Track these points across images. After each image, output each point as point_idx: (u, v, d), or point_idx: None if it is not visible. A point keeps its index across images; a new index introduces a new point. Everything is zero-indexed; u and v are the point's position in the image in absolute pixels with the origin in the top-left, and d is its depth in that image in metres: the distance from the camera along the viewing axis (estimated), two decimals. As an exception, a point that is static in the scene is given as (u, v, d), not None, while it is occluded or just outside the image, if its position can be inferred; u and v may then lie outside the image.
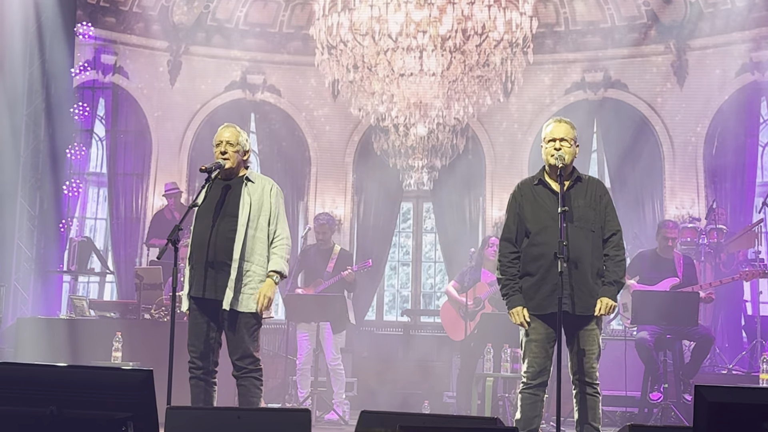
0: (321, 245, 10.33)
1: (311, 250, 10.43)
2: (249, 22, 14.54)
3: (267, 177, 6.14)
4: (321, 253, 10.30)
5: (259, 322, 5.93)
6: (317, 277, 10.17)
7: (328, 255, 10.27)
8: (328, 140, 14.68)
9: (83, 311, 9.43)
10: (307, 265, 10.36)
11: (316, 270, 10.22)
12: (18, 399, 3.67)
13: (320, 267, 10.20)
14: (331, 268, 10.16)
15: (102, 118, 14.31)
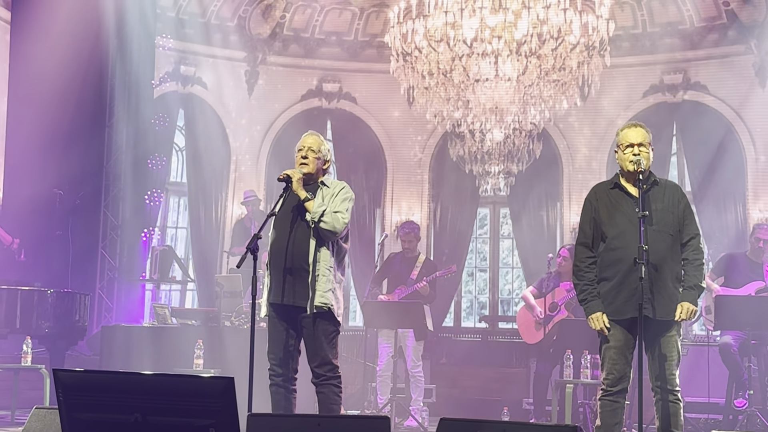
0: (407, 253, 10.36)
1: (396, 258, 10.45)
2: (324, 31, 14.64)
3: (339, 181, 6.18)
4: (406, 261, 10.32)
5: (337, 328, 5.96)
6: (401, 283, 10.19)
7: (412, 263, 10.28)
8: (403, 147, 14.71)
9: (165, 319, 9.58)
10: (391, 273, 10.38)
11: (400, 278, 10.24)
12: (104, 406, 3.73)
13: (404, 275, 10.21)
14: (414, 275, 10.17)
15: (182, 128, 14.53)
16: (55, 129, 11.66)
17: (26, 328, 8.64)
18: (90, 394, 3.77)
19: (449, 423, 4.15)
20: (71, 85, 11.88)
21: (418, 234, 10.57)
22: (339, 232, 5.88)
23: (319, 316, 5.82)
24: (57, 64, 11.72)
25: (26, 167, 11.75)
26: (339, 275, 5.98)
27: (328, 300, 5.81)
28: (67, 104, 11.80)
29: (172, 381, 3.84)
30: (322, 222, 5.81)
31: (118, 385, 3.82)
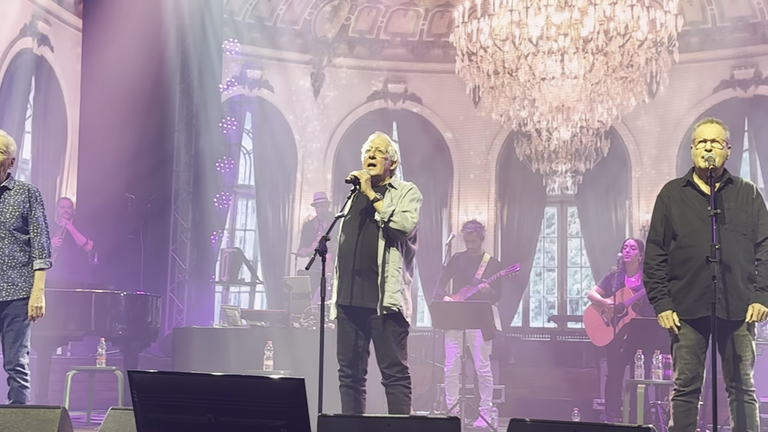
0: (471, 253, 10.32)
1: (461, 257, 10.42)
2: (389, 32, 14.68)
3: (407, 182, 6.17)
4: (471, 261, 10.28)
5: (406, 329, 5.96)
6: (466, 283, 10.16)
7: (477, 263, 10.24)
8: (469, 147, 14.68)
9: (235, 321, 9.67)
10: (456, 273, 10.36)
11: (465, 278, 10.21)
12: (177, 407, 3.79)
13: (469, 275, 10.18)
14: (479, 274, 10.13)
15: (249, 131, 14.68)
16: (126, 134, 11.86)
17: (100, 331, 8.78)
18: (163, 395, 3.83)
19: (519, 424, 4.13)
20: (141, 90, 12.08)
21: (482, 233, 10.53)
22: (408, 233, 5.87)
23: (388, 317, 5.83)
24: (127, 71, 11.92)
25: (99, 172, 11.96)
26: (408, 276, 5.97)
27: (397, 301, 5.81)
28: (137, 109, 11.99)
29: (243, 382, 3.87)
30: (392, 222, 5.81)
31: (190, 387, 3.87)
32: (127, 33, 11.95)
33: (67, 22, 12.96)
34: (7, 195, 6.00)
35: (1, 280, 5.92)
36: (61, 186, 12.89)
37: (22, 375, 5.97)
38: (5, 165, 6.01)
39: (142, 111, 12.19)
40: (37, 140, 12.69)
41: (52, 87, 12.80)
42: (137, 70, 12.05)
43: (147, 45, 12.24)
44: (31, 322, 6.05)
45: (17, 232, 5.99)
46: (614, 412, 9.62)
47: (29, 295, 6.01)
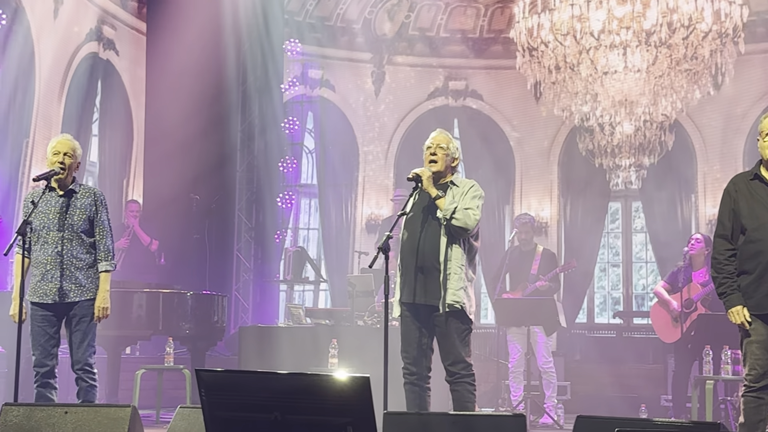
0: (523, 246, 10.24)
1: (515, 252, 10.36)
2: (449, 29, 14.66)
3: (469, 179, 6.15)
4: (524, 255, 10.19)
5: (469, 327, 5.95)
6: (522, 279, 10.09)
7: (531, 256, 10.17)
8: (531, 142, 14.61)
9: (300, 319, 9.72)
10: (512, 268, 10.30)
11: (520, 272, 10.14)
12: (245, 405, 3.83)
13: (525, 269, 10.11)
14: (535, 269, 10.05)
15: (311, 131, 14.76)
16: (190, 135, 12.00)
17: (168, 330, 8.89)
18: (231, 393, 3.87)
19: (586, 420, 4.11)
20: (204, 92, 12.22)
21: (533, 225, 10.45)
22: (471, 230, 5.87)
23: (452, 314, 5.82)
24: (190, 73, 12.07)
25: (164, 173, 12.12)
26: (470, 273, 5.96)
27: (460, 298, 5.81)
28: (200, 111, 12.13)
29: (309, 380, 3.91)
30: (454, 219, 5.80)
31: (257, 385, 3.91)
32: (190, 36, 12.09)
33: (132, 26, 13.17)
34: (75, 198, 6.10)
35: (69, 281, 6.02)
36: (127, 188, 13.10)
37: (90, 374, 6.07)
38: (71, 168, 6.12)
39: (206, 112, 12.33)
40: (104, 143, 12.92)
41: (118, 90, 13.02)
42: (200, 72, 12.20)
43: (209, 47, 12.38)
44: (97, 322, 6.15)
45: (84, 235, 6.09)
46: (682, 408, 9.51)
47: (95, 296, 6.11)
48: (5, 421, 4.80)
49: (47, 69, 11.61)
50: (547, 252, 10.36)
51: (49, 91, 11.68)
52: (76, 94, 12.18)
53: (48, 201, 6.06)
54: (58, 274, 5.99)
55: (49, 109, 11.70)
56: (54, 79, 11.79)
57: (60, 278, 5.99)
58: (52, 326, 6.03)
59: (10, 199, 10.97)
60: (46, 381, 5.96)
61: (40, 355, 5.98)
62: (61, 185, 6.10)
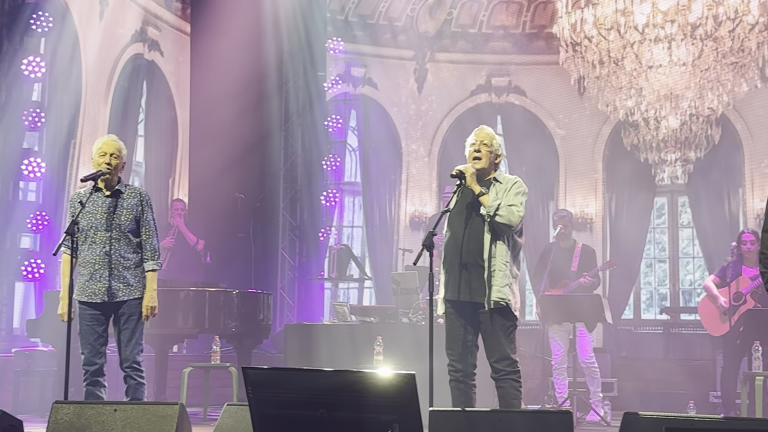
0: (561, 243, 10.14)
1: (553, 249, 10.27)
2: (492, 25, 14.62)
3: (512, 176, 6.13)
4: (563, 251, 10.09)
5: (514, 323, 5.93)
6: (562, 276, 10.01)
7: (570, 253, 10.08)
8: (575, 138, 14.53)
9: (345, 316, 9.75)
10: (551, 265, 10.22)
11: (560, 269, 10.04)
12: (291, 402, 3.85)
13: (564, 266, 10.02)
14: (575, 266, 9.96)
15: (354, 129, 14.79)
16: (234, 134, 12.08)
17: (214, 328, 8.95)
18: (277, 390, 3.90)
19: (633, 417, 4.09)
20: (248, 91, 12.29)
21: (571, 220, 10.37)
22: (515, 226, 5.84)
23: (497, 311, 5.81)
24: (234, 72, 12.15)
25: (209, 173, 12.22)
26: (515, 270, 5.94)
27: (505, 295, 5.79)
28: (244, 110, 12.21)
29: (354, 377, 3.92)
30: (498, 216, 5.78)
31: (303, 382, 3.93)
32: (233, 35, 12.17)
33: (176, 26, 13.28)
34: (121, 199, 6.17)
35: (117, 281, 6.09)
36: (173, 187, 13.22)
37: (138, 372, 6.13)
38: (117, 169, 6.18)
39: (249, 111, 12.41)
40: (150, 143, 13.05)
41: (163, 91, 13.14)
42: (243, 71, 12.28)
43: (252, 46, 12.46)
44: (145, 321, 6.21)
45: (131, 235, 6.16)
46: (731, 405, 9.42)
47: (142, 295, 6.17)
48: (56, 418, 4.86)
49: (93, 71, 11.74)
50: (586, 248, 10.26)
51: (95, 92, 11.82)
52: (122, 95, 12.31)
53: (95, 201, 6.13)
54: (107, 274, 6.06)
55: (95, 110, 11.83)
56: (100, 80, 11.93)
57: (108, 278, 6.06)
58: (101, 325, 6.10)
59: (57, 200, 11.11)
60: (95, 379, 6.03)
61: (89, 354, 6.05)
62: (108, 185, 6.17)
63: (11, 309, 10.74)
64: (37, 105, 10.57)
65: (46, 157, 10.60)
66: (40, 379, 9.18)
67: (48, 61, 10.57)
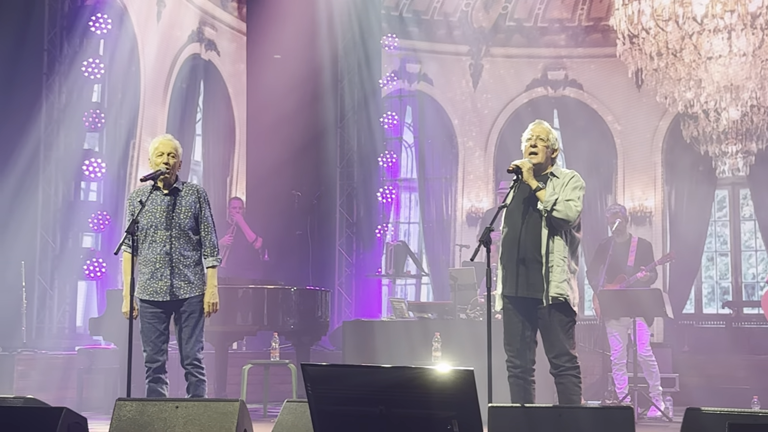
0: (617, 237, 10.03)
1: (609, 243, 10.17)
2: (547, 19, 14.53)
3: (569, 170, 6.08)
4: (619, 246, 9.98)
5: (573, 319, 5.88)
6: (619, 271, 9.90)
7: (626, 248, 9.97)
8: (633, 131, 14.38)
9: (402, 313, 9.75)
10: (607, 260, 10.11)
11: (617, 264, 9.93)
12: (350, 399, 3.87)
13: (621, 261, 9.91)
14: (632, 261, 9.84)
15: (410, 125, 14.80)
16: (291, 132, 12.16)
17: (273, 325, 9.01)
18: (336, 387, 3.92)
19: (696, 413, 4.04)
20: (303, 88, 12.36)
21: (625, 214, 10.25)
22: (572, 221, 5.80)
23: (555, 306, 5.77)
24: (289, 70, 12.22)
25: (266, 170, 12.31)
26: (573, 265, 5.89)
27: (563, 290, 5.75)
28: (300, 108, 12.28)
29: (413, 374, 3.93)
30: (555, 211, 5.74)
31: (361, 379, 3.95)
32: (289, 34, 12.25)
33: (232, 26, 13.39)
34: (180, 197, 6.22)
35: (178, 278, 6.14)
36: (231, 186, 13.33)
37: (199, 369, 6.17)
38: (175, 167, 6.24)
39: (305, 109, 12.47)
40: (207, 142, 13.18)
41: (219, 90, 13.26)
42: (299, 69, 12.34)
43: (307, 44, 12.52)
44: (207, 317, 6.26)
45: (190, 232, 6.20)
46: (796, 400, 9.27)
47: (203, 292, 6.21)
48: (119, 415, 4.93)
49: (151, 71, 11.88)
50: (642, 242, 10.14)
51: (153, 92, 11.96)
52: (180, 94, 12.45)
53: (154, 200, 6.20)
54: (168, 272, 6.11)
55: (153, 110, 11.98)
56: (158, 80, 12.07)
57: (170, 276, 6.11)
58: (162, 322, 6.16)
59: (118, 199, 11.27)
60: (157, 376, 6.10)
61: (151, 351, 6.11)
62: (166, 184, 6.23)
63: (74, 308, 10.92)
64: (97, 106, 10.73)
65: (106, 158, 10.76)
66: (104, 376, 9.32)
67: (107, 62, 10.72)
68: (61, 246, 10.49)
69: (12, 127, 9.94)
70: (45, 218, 10.41)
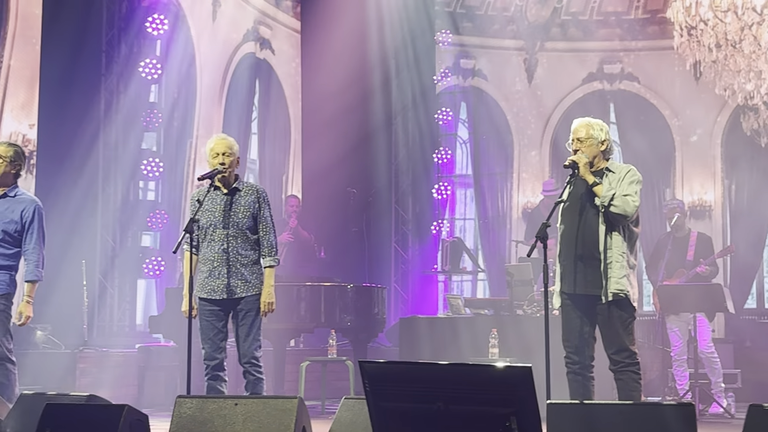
0: (675, 232, 9.90)
1: (668, 238, 10.04)
2: (603, 12, 14.39)
3: (625, 164, 6.00)
4: (677, 241, 9.85)
5: (633, 315, 5.82)
6: (678, 266, 9.78)
7: (685, 242, 9.84)
8: (692, 124, 14.19)
9: (459, 309, 9.74)
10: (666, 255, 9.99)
11: (676, 259, 9.81)
12: (408, 396, 3.87)
13: (680, 255, 9.78)
14: (691, 255, 9.71)
15: (464, 121, 14.76)
16: (345, 129, 12.20)
17: (330, 322, 9.05)
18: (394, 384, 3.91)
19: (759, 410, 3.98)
20: (358, 86, 12.40)
21: (684, 209, 10.12)
22: (630, 216, 5.74)
23: (615, 303, 5.72)
24: (343, 68, 12.27)
25: (321, 168, 12.37)
26: (632, 260, 5.83)
27: (623, 286, 5.69)
28: (354, 105, 12.33)
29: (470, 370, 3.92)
30: (612, 206, 5.69)
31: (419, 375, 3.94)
32: (343, 31, 12.29)
33: (286, 24, 13.46)
34: (239, 196, 6.26)
35: (235, 277, 6.18)
36: (286, 184, 13.40)
37: (257, 368, 6.19)
38: (232, 166, 6.28)
39: (360, 106, 12.51)
40: (263, 141, 13.26)
41: (274, 88, 13.33)
42: (353, 66, 12.38)
43: (361, 42, 12.56)
44: (263, 317, 6.29)
45: (248, 232, 6.24)
46: None
47: (260, 291, 6.24)
48: (179, 412, 4.98)
49: (207, 70, 11.99)
50: (702, 236, 10.00)
51: (209, 91, 12.06)
52: (235, 93, 12.54)
53: (213, 199, 6.25)
54: (225, 271, 6.16)
55: (210, 109, 12.08)
56: (214, 79, 12.17)
57: (227, 275, 6.15)
58: (220, 320, 6.21)
59: (176, 198, 11.39)
60: (215, 374, 6.14)
61: (210, 349, 6.16)
62: (225, 183, 6.27)
63: (134, 306, 11.06)
64: (154, 106, 10.85)
65: (163, 157, 10.88)
66: (164, 374, 9.42)
67: (164, 62, 10.83)
68: (121, 245, 10.64)
69: (72, 128, 10.09)
70: (105, 218, 10.56)
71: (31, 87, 9.81)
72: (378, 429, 3.97)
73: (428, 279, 13.21)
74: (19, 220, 6.29)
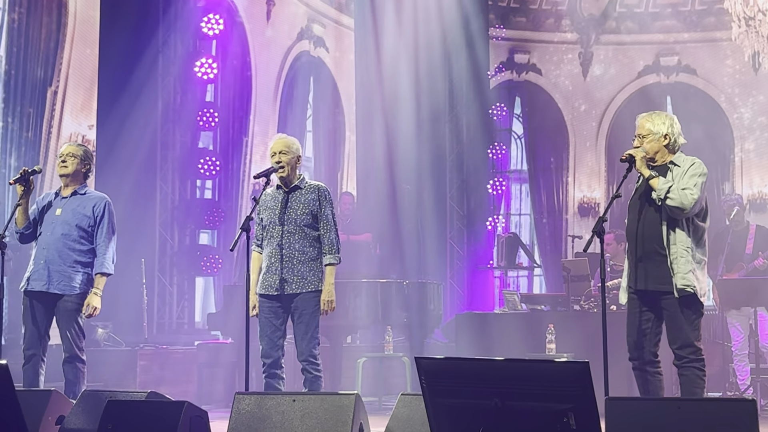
0: (734, 226, 9.77)
1: (726, 232, 9.91)
2: (659, 4, 14.24)
3: (691, 157, 5.91)
4: (736, 235, 9.72)
5: (700, 310, 5.74)
6: (737, 260, 9.65)
7: (744, 236, 9.70)
8: (751, 115, 13.98)
9: (515, 305, 9.71)
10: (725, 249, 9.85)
11: (735, 252, 9.69)
12: (464, 392, 3.87)
13: (739, 249, 9.65)
14: (750, 248, 9.58)
15: (519, 116, 14.70)
16: (400, 126, 12.21)
17: (387, 319, 9.06)
18: (451, 380, 3.92)
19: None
20: (411, 82, 12.40)
21: (742, 203, 9.97)
22: (687, 209, 5.64)
23: (682, 298, 5.63)
24: (397, 64, 12.27)
25: (376, 165, 12.40)
26: (699, 255, 5.72)
27: (690, 282, 5.60)
28: (408, 101, 12.32)
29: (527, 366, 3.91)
30: (669, 199, 5.61)
31: (476, 371, 3.94)
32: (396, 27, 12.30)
33: (340, 22, 13.50)
34: (298, 194, 6.29)
35: (291, 273, 6.19)
36: (341, 181, 13.45)
37: (315, 366, 6.17)
38: (291, 164, 6.31)
39: (414, 103, 12.51)
40: (318, 138, 13.32)
41: (329, 86, 13.39)
42: (407, 62, 12.39)
43: (415, 38, 12.55)
44: (324, 315, 6.29)
45: (307, 229, 6.25)
46: None
47: (318, 288, 6.23)
48: (238, 409, 5.04)
49: (262, 69, 12.08)
50: (761, 228, 9.86)
51: (264, 90, 12.15)
52: (290, 91, 12.62)
53: (275, 197, 6.30)
54: (279, 267, 6.18)
55: (265, 108, 12.17)
56: (269, 78, 12.25)
57: (281, 270, 6.17)
58: (278, 318, 6.21)
59: (232, 196, 11.49)
60: (272, 371, 6.14)
61: (267, 346, 6.17)
62: (286, 182, 6.31)
63: (192, 303, 11.18)
64: (211, 105, 10.96)
65: (220, 156, 10.99)
66: (223, 370, 9.51)
67: (219, 62, 10.93)
68: (179, 243, 10.76)
69: (129, 128, 10.23)
70: (163, 216, 10.69)
71: (90, 89, 9.96)
72: (435, 425, 3.97)
73: (484, 275, 13.19)
74: (92, 215, 6.43)
